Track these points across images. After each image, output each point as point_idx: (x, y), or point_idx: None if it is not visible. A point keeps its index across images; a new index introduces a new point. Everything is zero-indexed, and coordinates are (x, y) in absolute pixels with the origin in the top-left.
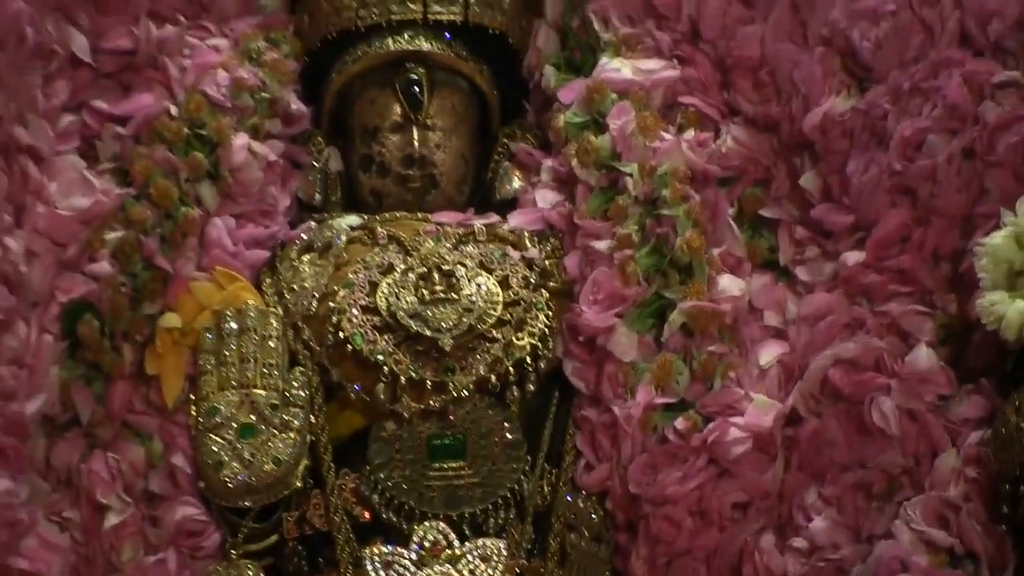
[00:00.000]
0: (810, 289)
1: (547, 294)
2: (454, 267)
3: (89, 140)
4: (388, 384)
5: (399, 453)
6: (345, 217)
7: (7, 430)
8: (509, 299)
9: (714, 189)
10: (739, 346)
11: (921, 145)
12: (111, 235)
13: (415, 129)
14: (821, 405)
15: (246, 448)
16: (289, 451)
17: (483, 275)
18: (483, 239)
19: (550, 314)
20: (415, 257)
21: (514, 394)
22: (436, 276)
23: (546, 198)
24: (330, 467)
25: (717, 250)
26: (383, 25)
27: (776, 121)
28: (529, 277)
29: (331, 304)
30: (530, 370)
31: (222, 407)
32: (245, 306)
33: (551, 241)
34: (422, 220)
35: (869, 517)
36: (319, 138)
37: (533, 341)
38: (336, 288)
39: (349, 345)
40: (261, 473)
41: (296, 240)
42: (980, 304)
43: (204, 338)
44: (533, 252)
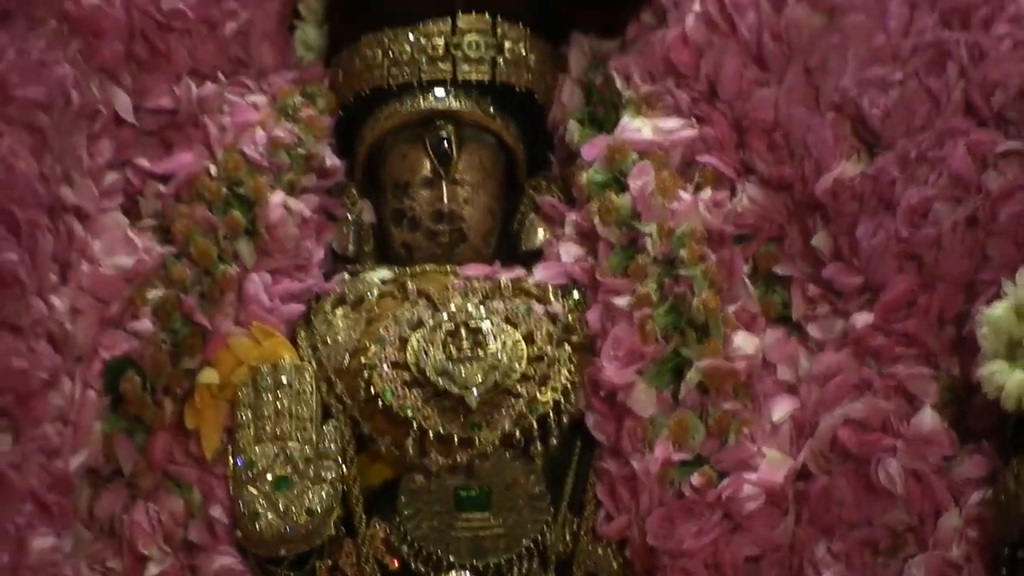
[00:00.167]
0: (821, 346)
1: (570, 349)
2: (481, 323)
3: (132, 196)
4: (417, 439)
5: (427, 504)
6: (377, 271)
7: (52, 487)
8: (533, 354)
9: (730, 248)
10: (753, 401)
11: (927, 213)
12: (152, 293)
13: (444, 185)
14: (831, 463)
15: (281, 499)
16: (322, 502)
17: (508, 330)
18: (509, 294)
19: (572, 368)
20: (443, 313)
21: (537, 448)
22: (463, 333)
23: (570, 252)
24: (361, 517)
25: (732, 307)
26: (414, 84)
27: (789, 182)
28: (553, 332)
29: (363, 359)
30: (553, 425)
31: (259, 459)
32: (281, 362)
33: (574, 295)
34: (451, 273)
35: (876, 573)
36: (353, 190)
37: (556, 396)
38: (368, 343)
39: (380, 400)
40: (296, 524)
41: (330, 293)
42: (981, 374)
43: (241, 392)
44: (557, 307)
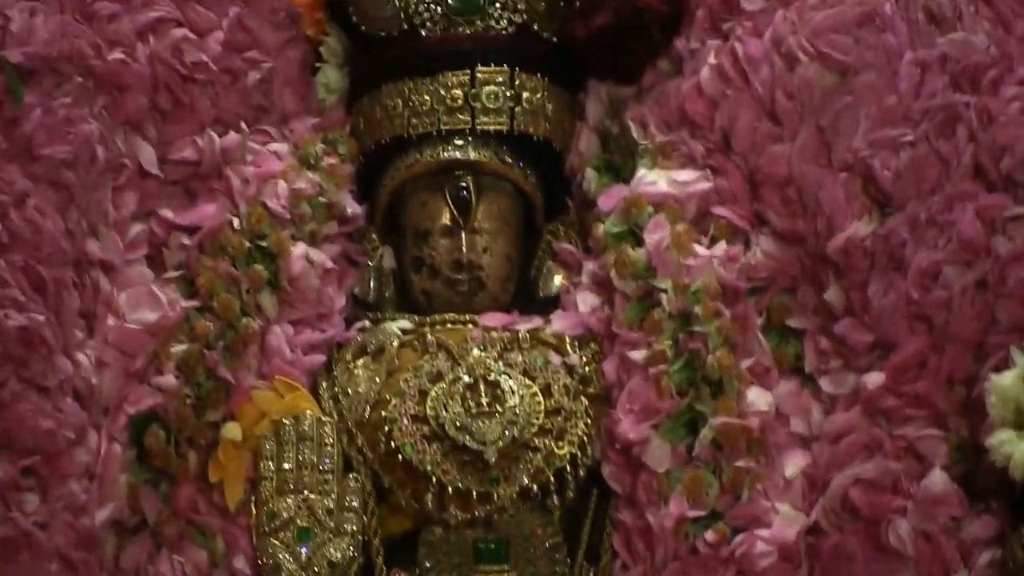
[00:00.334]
0: (833, 400)
1: (586, 401)
2: (499, 377)
3: (157, 246)
4: (436, 494)
5: (446, 556)
6: (396, 320)
7: (78, 544)
8: (551, 407)
9: (744, 303)
10: (766, 454)
11: (937, 276)
12: (176, 348)
13: (464, 235)
14: (842, 520)
15: (304, 551)
16: (344, 554)
17: (526, 383)
18: (527, 345)
19: (589, 422)
20: (462, 365)
21: (554, 502)
22: (482, 387)
23: (586, 301)
24: (382, 569)
25: (746, 362)
26: (433, 133)
27: (802, 236)
28: (570, 385)
29: (383, 413)
30: (570, 478)
31: (281, 511)
32: (303, 415)
33: (591, 345)
34: (469, 322)
35: None
36: (373, 235)
37: (573, 450)
38: (388, 396)
39: (399, 454)
40: (317, 575)
41: (351, 342)
42: (990, 443)
43: (264, 445)
44: (574, 358)
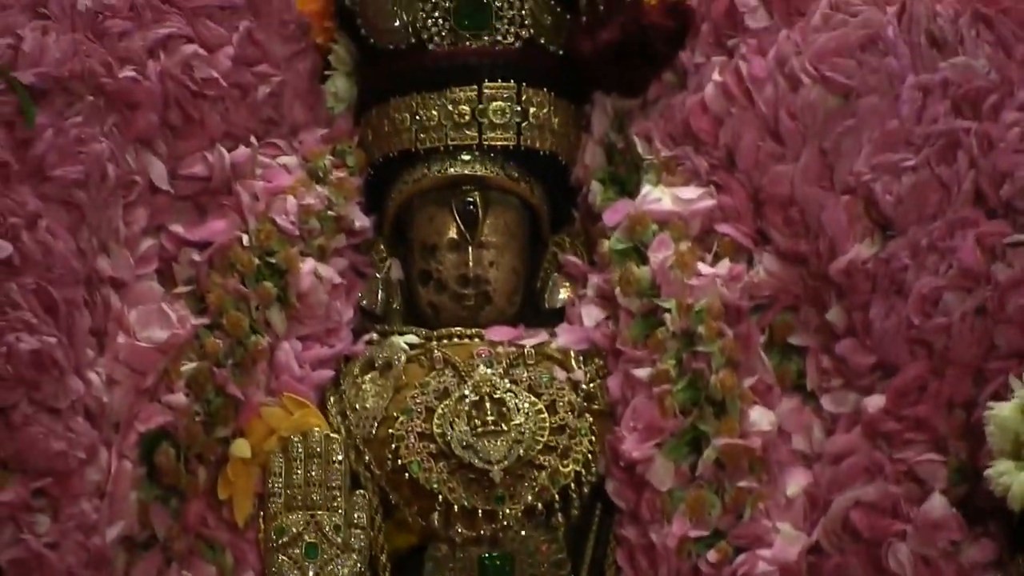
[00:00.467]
0: (835, 419)
1: (591, 418)
2: (505, 395)
3: (167, 261)
4: (442, 512)
5: (452, 572)
6: (404, 335)
7: (88, 564)
8: (555, 424)
9: (747, 323)
10: (768, 472)
11: (938, 302)
12: (186, 366)
13: (471, 249)
14: (843, 542)
15: (311, 567)
16: (351, 570)
17: (532, 400)
18: (532, 361)
19: (593, 439)
20: (468, 382)
21: (559, 520)
22: (488, 405)
23: (591, 315)
24: None
25: (749, 381)
26: (441, 148)
27: (805, 256)
28: (574, 402)
29: (390, 430)
30: (574, 496)
31: (289, 527)
32: (311, 432)
33: (596, 360)
34: (476, 336)
35: None
36: (381, 246)
37: (577, 468)
38: (395, 413)
39: (407, 472)
40: None
41: (359, 356)
42: (988, 474)
43: (273, 461)
44: (578, 374)
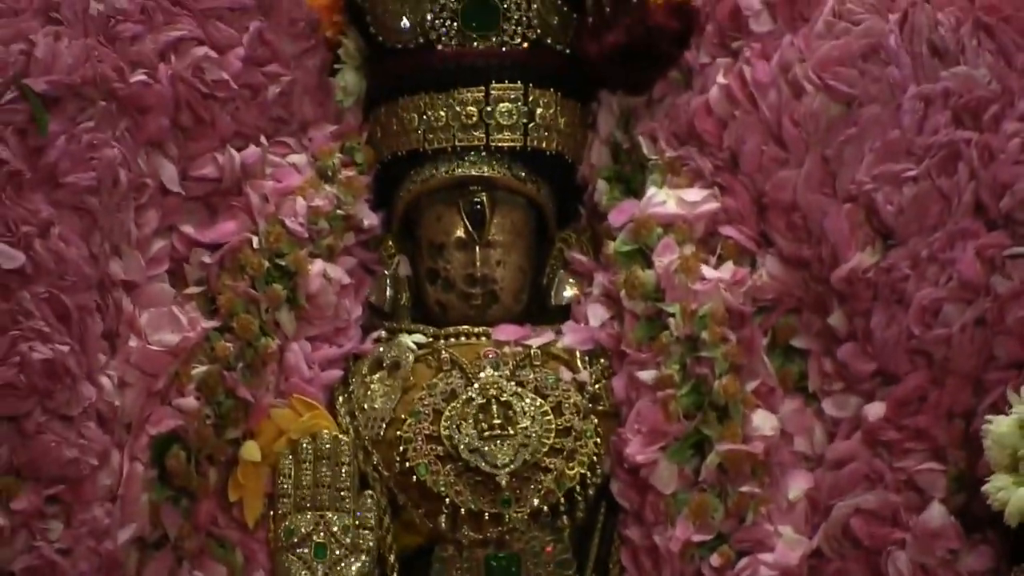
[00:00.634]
0: (836, 423)
1: (596, 420)
2: (511, 398)
3: (178, 261)
4: (450, 515)
5: (459, 571)
6: (411, 334)
7: (100, 569)
8: (561, 426)
9: (750, 327)
10: (770, 475)
11: (938, 312)
12: (197, 369)
13: (478, 249)
14: (843, 548)
15: (321, 567)
16: (360, 570)
17: (538, 402)
18: (538, 362)
19: (599, 441)
20: (475, 384)
21: (564, 521)
22: (494, 408)
23: (596, 314)
24: None
25: (752, 384)
26: (448, 149)
27: (808, 261)
28: (580, 404)
29: (398, 432)
30: (580, 499)
31: (299, 527)
32: (320, 435)
33: (601, 361)
34: (483, 335)
35: None
36: (390, 243)
37: (582, 470)
38: (403, 415)
39: (414, 475)
40: None
41: (367, 355)
42: (986, 489)
43: (282, 463)
44: (584, 375)
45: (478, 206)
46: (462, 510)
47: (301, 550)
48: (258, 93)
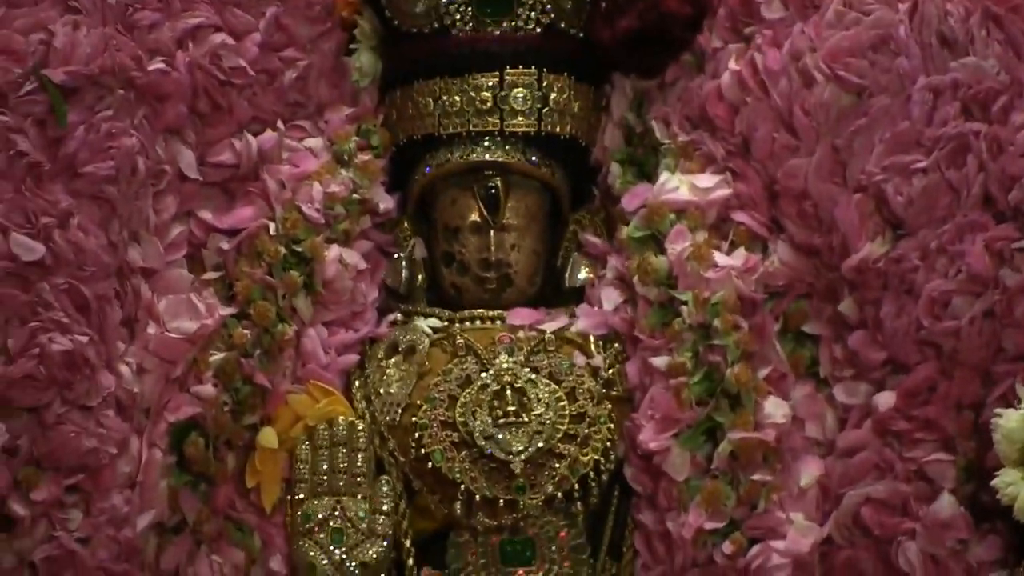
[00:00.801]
0: (846, 410)
1: (610, 405)
2: (525, 384)
3: (196, 246)
4: (464, 500)
5: (474, 556)
6: (427, 318)
7: (119, 556)
8: (575, 412)
9: (762, 314)
10: (781, 462)
11: (947, 305)
12: (214, 356)
13: (492, 233)
14: (854, 536)
15: (337, 551)
16: (377, 555)
17: (552, 387)
18: (552, 347)
19: (612, 426)
20: (490, 370)
21: (578, 507)
22: (509, 395)
23: (610, 298)
24: (412, 568)
25: (763, 371)
26: (463, 133)
27: (818, 249)
28: (593, 390)
29: (414, 418)
30: (593, 485)
31: (316, 512)
32: (337, 420)
33: (615, 345)
34: (498, 318)
35: None
36: (405, 225)
37: (596, 456)
38: (419, 401)
39: (429, 461)
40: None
41: (383, 338)
42: (995, 483)
43: (299, 448)
44: (598, 360)
45: (493, 190)
46: (477, 496)
47: (318, 535)
48: (275, 78)
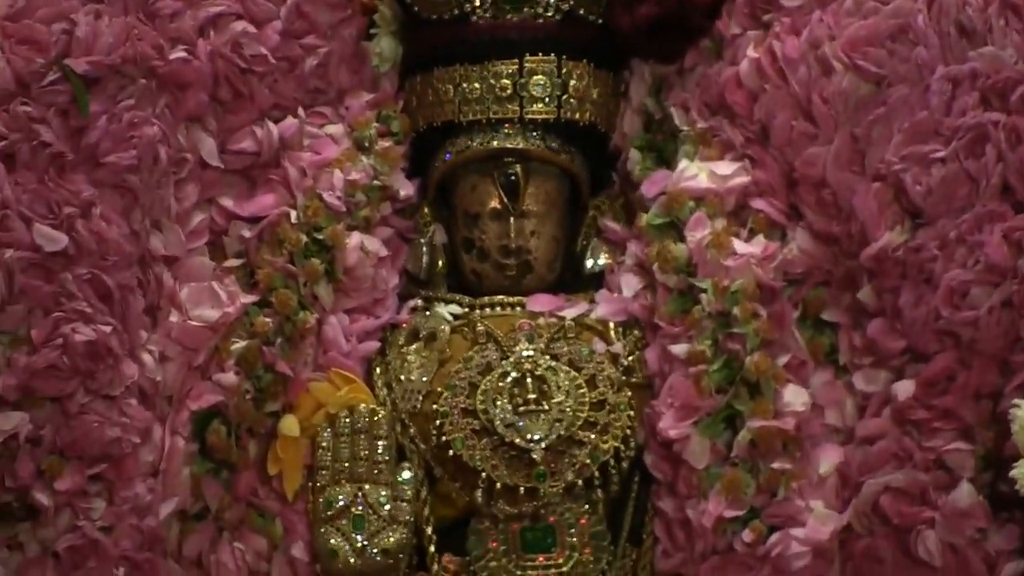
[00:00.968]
0: (866, 398)
1: (629, 393)
2: (545, 372)
3: (217, 234)
4: (485, 488)
5: (495, 544)
6: (447, 304)
7: (142, 545)
8: (595, 399)
9: (781, 301)
10: (801, 450)
11: (966, 294)
12: (236, 344)
13: (512, 220)
14: (873, 524)
15: (359, 538)
16: (397, 542)
17: (572, 375)
18: (572, 335)
19: (632, 414)
20: (511, 358)
21: (598, 494)
22: (529, 382)
23: (630, 284)
24: (434, 556)
25: (783, 359)
26: (483, 120)
27: (837, 237)
28: (613, 377)
29: (435, 406)
30: (613, 472)
31: (336, 500)
32: (357, 408)
33: (634, 332)
34: (518, 305)
35: None
36: (426, 210)
37: (616, 444)
38: (439, 388)
39: (450, 449)
40: (372, 562)
41: (404, 325)
42: (1014, 473)
43: (321, 435)
44: (618, 347)
45: (512, 177)
46: (498, 484)
47: (340, 522)
48: (296, 65)
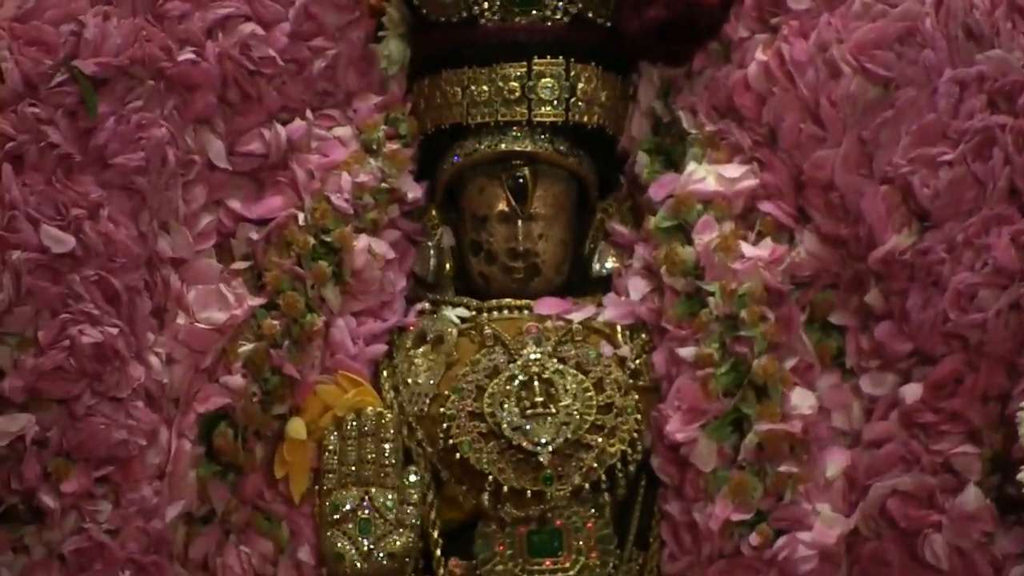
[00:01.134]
0: (873, 401)
1: (637, 396)
2: (553, 375)
3: (225, 236)
4: (492, 492)
5: (501, 547)
6: (455, 307)
7: (148, 548)
8: (602, 402)
9: (788, 304)
10: (808, 454)
11: (973, 297)
12: (243, 347)
13: (520, 223)
14: (880, 528)
15: (365, 542)
16: (403, 546)
17: (579, 378)
18: (580, 338)
19: (639, 417)
20: (518, 361)
21: (605, 498)
22: (536, 386)
23: (637, 287)
24: (440, 559)
25: (790, 362)
26: (491, 123)
27: (845, 240)
28: (620, 380)
29: (442, 409)
30: (620, 476)
31: (343, 503)
32: (364, 412)
33: (642, 335)
34: (525, 308)
35: None
36: (433, 213)
37: (623, 447)
38: (447, 392)
39: (457, 452)
40: (379, 566)
41: (411, 327)
42: (1021, 476)
43: (328, 438)
44: (625, 350)
45: (520, 180)
46: (504, 487)
47: (346, 525)
48: (304, 67)
